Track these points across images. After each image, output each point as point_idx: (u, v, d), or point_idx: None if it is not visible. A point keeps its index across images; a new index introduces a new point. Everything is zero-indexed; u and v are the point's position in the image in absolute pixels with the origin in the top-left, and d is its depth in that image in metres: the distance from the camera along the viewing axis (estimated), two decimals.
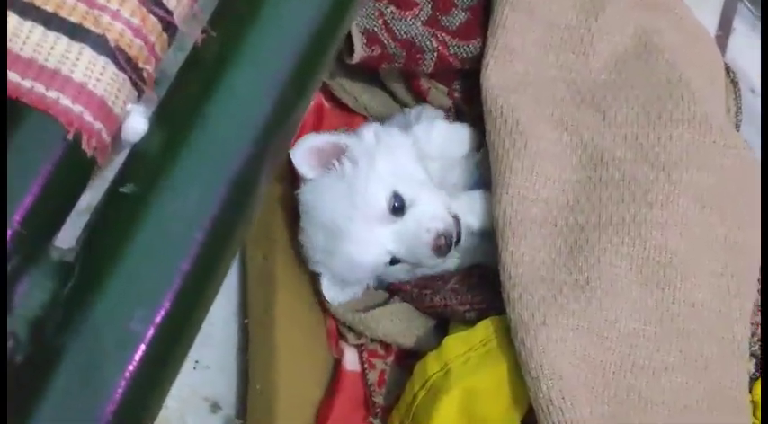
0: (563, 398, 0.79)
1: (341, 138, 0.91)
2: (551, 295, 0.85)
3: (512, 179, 0.88)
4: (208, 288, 0.52)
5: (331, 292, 0.93)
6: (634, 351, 0.85)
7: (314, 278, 0.96)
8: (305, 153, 0.89)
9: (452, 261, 0.95)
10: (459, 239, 0.89)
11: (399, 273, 0.95)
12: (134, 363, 0.47)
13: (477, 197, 0.93)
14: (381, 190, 0.87)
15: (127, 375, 0.47)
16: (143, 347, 0.48)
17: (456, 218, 0.89)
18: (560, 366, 0.81)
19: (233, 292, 1.00)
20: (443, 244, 0.87)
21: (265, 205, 0.88)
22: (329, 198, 0.88)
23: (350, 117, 1.08)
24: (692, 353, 0.86)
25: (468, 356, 0.86)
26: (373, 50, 0.94)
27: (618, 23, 0.97)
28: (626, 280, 0.86)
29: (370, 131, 0.92)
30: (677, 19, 1.01)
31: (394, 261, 0.90)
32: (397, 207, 0.87)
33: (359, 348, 0.97)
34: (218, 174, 0.51)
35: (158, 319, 0.48)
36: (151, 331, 0.48)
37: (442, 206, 0.89)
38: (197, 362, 0.96)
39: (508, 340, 0.85)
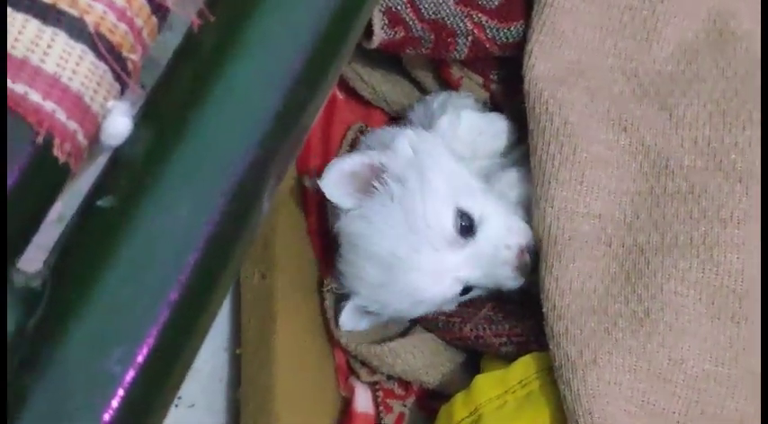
0: None
1: (374, 157, 0.91)
2: (603, 328, 0.84)
3: (557, 190, 0.88)
4: (200, 321, 0.52)
5: (350, 320, 0.94)
6: (703, 398, 0.84)
7: (321, 303, 0.96)
8: (337, 180, 0.89)
9: None
10: None
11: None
12: (110, 411, 0.47)
13: (514, 176, 0.93)
14: (444, 209, 0.87)
15: None
16: (121, 391, 0.47)
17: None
18: (613, 413, 0.80)
19: (224, 317, 1.00)
20: (528, 260, 0.88)
21: None
22: (383, 227, 0.88)
23: (366, 110, 1.08)
24: None
25: (504, 399, 0.86)
26: (396, 33, 0.93)
27: (688, 5, 0.96)
28: (694, 313, 0.85)
29: (404, 143, 0.92)
30: (757, 1, 1.00)
31: (466, 290, 0.90)
32: (466, 227, 0.87)
33: (373, 386, 0.97)
34: (215, 186, 0.51)
35: (140, 358, 0.48)
36: (131, 373, 0.47)
37: (515, 216, 0.90)
38: (179, 399, 0.96)
39: (553, 380, 0.84)
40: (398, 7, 0.93)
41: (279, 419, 0.91)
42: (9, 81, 0.47)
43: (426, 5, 0.93)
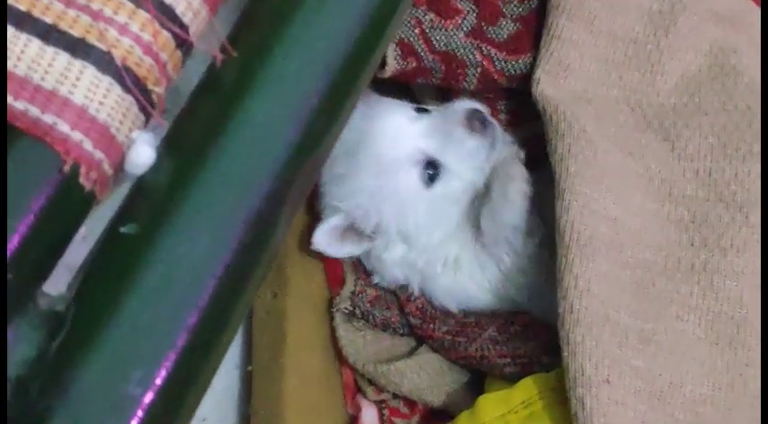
0: None
1: None
2: (616, 343, 0.83)
3: (582, 187, 0.85)
4: (217, 344, 0.52)
5: (324, 238, 0.92)
6: (700, 420, 0.83)
7: (330, 322, 0.96)
8: None
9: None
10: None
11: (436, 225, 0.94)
12: None
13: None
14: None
15: None
16: (140, 413, 0.47)
17: None
18: None
19: (237, 336, 0.99)
20: (476, 119, 0.91)
21: None
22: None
23: None
24: None
25: (506, 419, 0.85)
26: (408, 63, 0.93)
27: (691, 40, 0.95)
28: (694, 337, 0.84)
29: None
30: (758, 36, 1.00)
31: (432, 168, 0.92)
32: (423, 109, 0.94)
33: (379, 404, 0.96)
34: (234, 215, 0.51)
35: (159, 381, 0.48)
36: (150, 396, 0.47)
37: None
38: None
39: (555, 401, 0.83)
40: (411, 39, 0.93)
41: None
42: (38, 111, 0.47)
43: (438, 38, 0.93)
